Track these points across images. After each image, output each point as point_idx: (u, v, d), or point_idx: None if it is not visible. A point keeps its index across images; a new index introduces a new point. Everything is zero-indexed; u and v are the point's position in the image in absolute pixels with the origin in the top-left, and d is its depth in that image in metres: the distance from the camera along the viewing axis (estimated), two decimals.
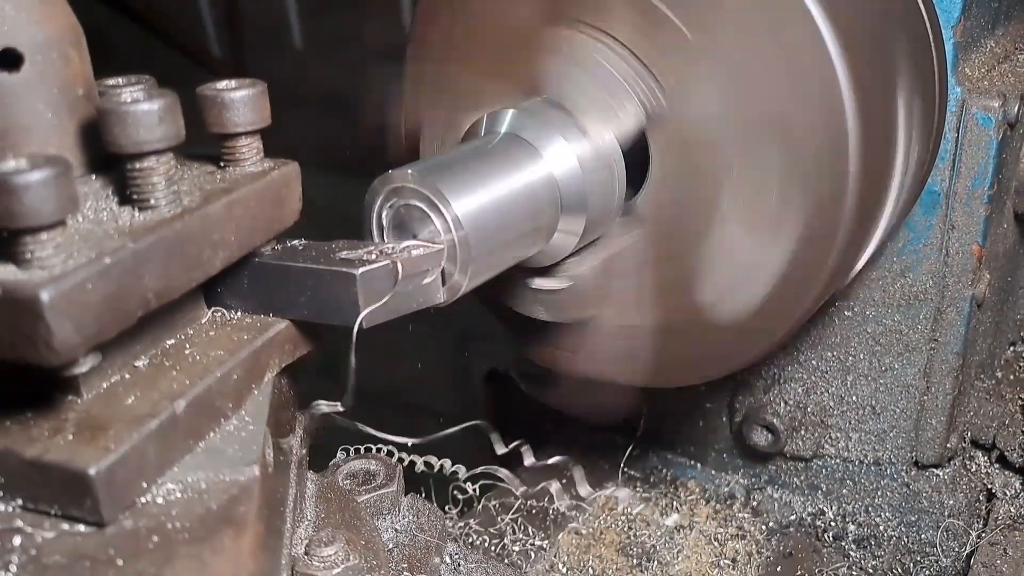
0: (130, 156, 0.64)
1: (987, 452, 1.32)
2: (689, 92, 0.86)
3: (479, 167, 0.81)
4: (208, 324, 0.75)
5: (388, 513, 0.88)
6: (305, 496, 0.82)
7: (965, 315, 1.19)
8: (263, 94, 0.73)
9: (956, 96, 1.10)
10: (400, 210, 0.79)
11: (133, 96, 0.65)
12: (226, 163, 0.74)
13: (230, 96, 0.71)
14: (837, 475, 1.35)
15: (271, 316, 0.76)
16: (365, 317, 0.71)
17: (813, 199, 0.85)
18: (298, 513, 0.79)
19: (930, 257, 1.17)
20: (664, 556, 1.30)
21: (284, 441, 0.78)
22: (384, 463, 0.91)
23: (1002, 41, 1.24)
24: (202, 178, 0.72)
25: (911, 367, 1.24)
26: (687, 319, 0.94)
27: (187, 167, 0.74)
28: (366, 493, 0.87)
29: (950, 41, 1.08)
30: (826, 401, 1.31)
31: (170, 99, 0.64)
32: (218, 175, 0.73)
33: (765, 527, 1.37)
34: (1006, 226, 1.23)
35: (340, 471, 0.90)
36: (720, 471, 1.45)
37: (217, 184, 0.71)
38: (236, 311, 0.76)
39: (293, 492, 0.78)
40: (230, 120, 0.72)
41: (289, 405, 0.81)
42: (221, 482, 0.64)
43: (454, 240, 0.76)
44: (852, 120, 0.81)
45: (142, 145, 0.63)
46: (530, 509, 1.39)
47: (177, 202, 0.66)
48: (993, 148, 1.10)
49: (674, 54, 0.85)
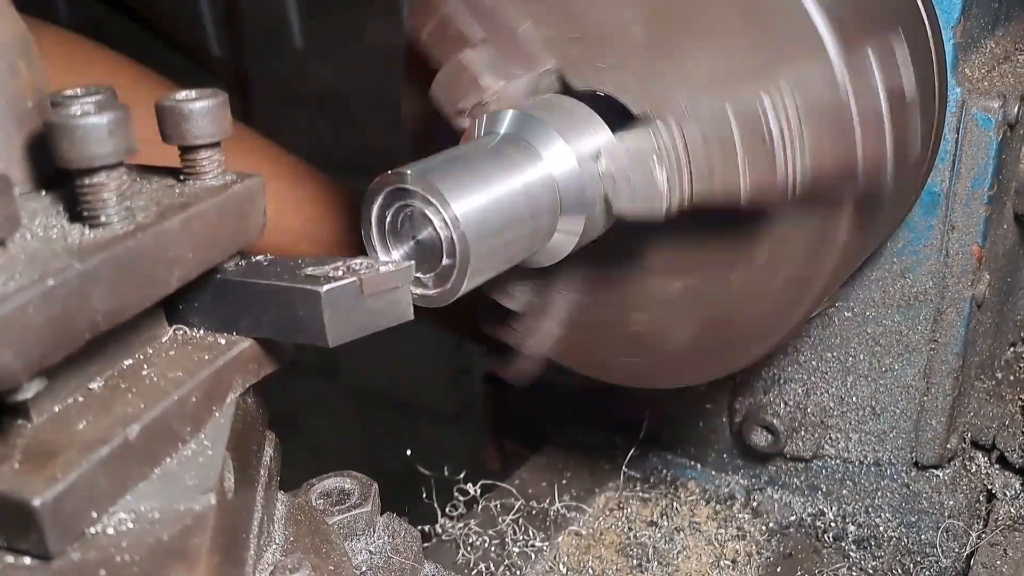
0: (79, 171, 0.61)
1: (987, 453, 1.32)
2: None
3: (478, 167, 0.81)
4: (169, 343, 0.72)
5: (362, 534, 0.85)
6: (273, 518, 0.79)
7: (965, 316, 1.19)
8: (223, 105, 0.70)
9: (956, 97, 1.09)
10: (399, 210, 0.78)
11: (84, 109, 0.62)
12: (186, 176, 0.71)
13: (188, 107, 0.68)
14: (837, 476, 1.35)
15: (235, 334, 0.73)
16: (333, 336, 0.69)
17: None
18: (265, 537, 0.76)
19: (930, 258, 1.17)
20: (664, 557, 1.30)
21: (250, 462, 0.75)
22: (359, 481, 0.88)
23: (1002, 42, 1.24)
24: (160, 192, 0.69)
25: (911, 368, 1.24)
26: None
27: (146, 180, 0.72)
28: (339, 513, 0.84)
29: (950, 42, 1.08)
30: (826, 402, 1.31)
31: (121, 112, 0.61)
32: (177, 189, 0.70)
33: (765, 528, 1.37)
34: (1006, 227, 1.23)
35: (314, 490, 0.87)
36: (720, 472, 1.45)
37: (175, 199, 0.68)
38: (199, 329, 0.74)
39: (259, 516, 0.75)
40: (189, 132, 0.69)
41: (257, 425, 0.78)
42: (175, 511, 0.61)
43: (453, 240, 0.76)
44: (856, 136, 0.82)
45: (92, 160, 0.60)
46: (530, 510, 1.39)
47: (130, 218, 0.63)
48: (993, 149, 1.10)
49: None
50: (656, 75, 0.86)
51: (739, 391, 1.36)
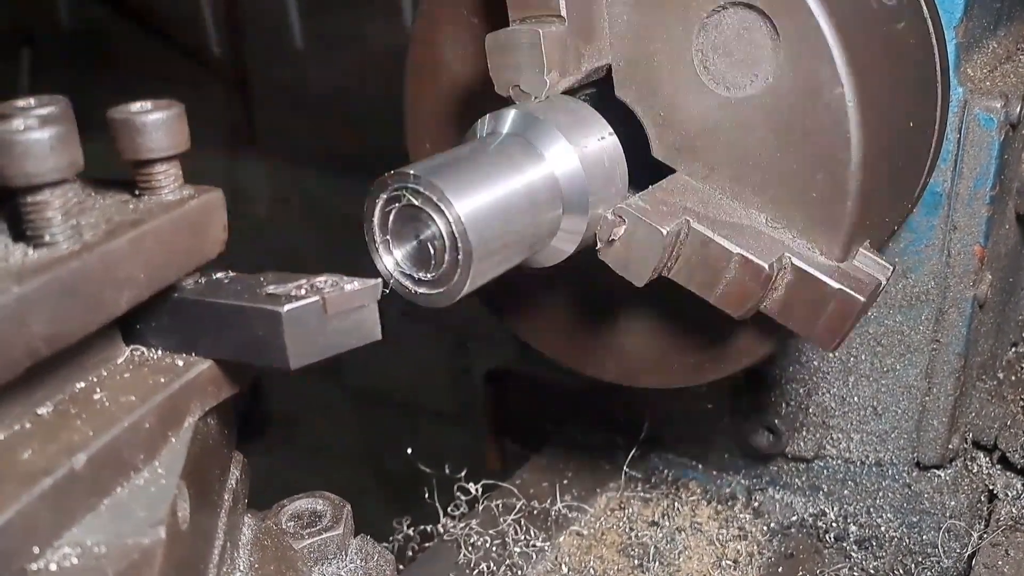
0: (21, 190, 0.58)
1: (989, 453, 1.32)
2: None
3: (481, 168, 0.81)
4: (124, 364, 0.69)
5: (334, 558, 0.82)
6: (238, 544, 0.77)
7: (967, 316, 1.18)
8: (180, 117, 0.67)
9: (958, 97, 1.09)
10: (401, 210, 0.78)
11: (27, 123, 0.58)
12: (141, 191, 0.69)
13: (142, 120, 0.65)
14: (839, 476, 1.35)
15: (193, 355, 0.70)
16: (295, 358, 0.66)
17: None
18: (228, 565, 0.74)
19: (932, 258, 1.17)
20: (665, 557, 1.30)
21: (212, 487, 0.73)
22: (331, 503, 0.86)
23: (1004, 42, 1.24)
24: (113, 208, 0.67)
25: (913, 368, 1.24)
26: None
27: (100, 196, 0.69)
28: (309, 537, 0.81)
29: (952, 42, 1.08)
30: (827, 402, 1.31)
31: (65, 127, 0.58)
32: (131, 205, 0.67)
33: (766, 528, 1.36)
34: (1008, 227, 1.23)
35: (284, 511, 0.85)
36: (721, 472, 1.45)
37: (128, 215, 0.65)
38: (156, 350, 0.71)
39: (220, 543, 0.72)
40: (143, 145, 0.66)
41: (220, 448, 0.76)
42: (123, 546, 0.58)
43: (456, 239, 0.76)
44: (854, 126, 0.82)
45: (31, 178, 0.57)
46: (531, 510, 1.39)
47: (76, 237, 0.61)
48: (995, 149, 1.10)
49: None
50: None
51: (740, 391, 1.36)
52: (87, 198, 0.67)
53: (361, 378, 3.78)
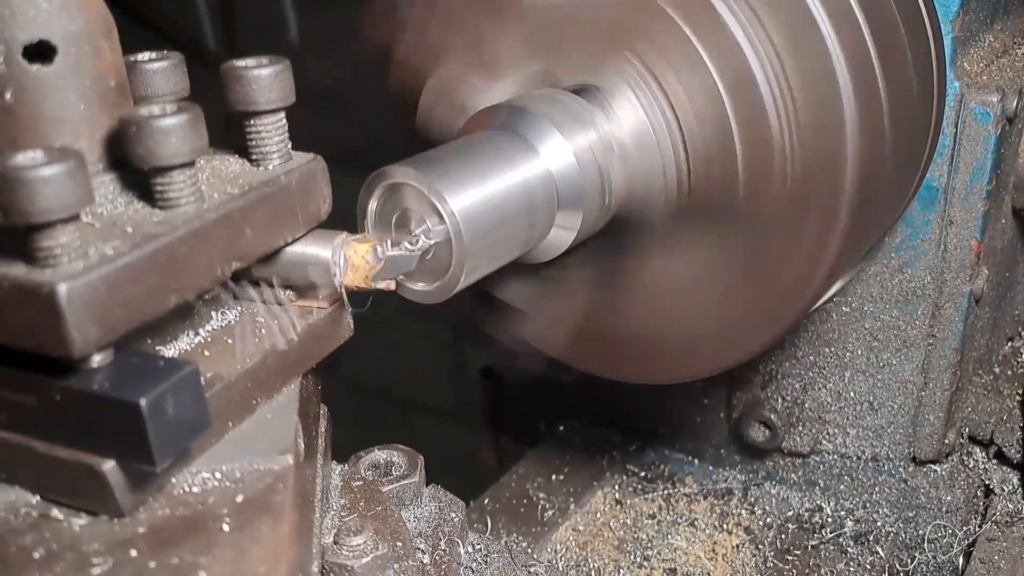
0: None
1: (985, 448, 1.32)
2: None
3: (475, 163, 0.81)
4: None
5: (410, 504, 0.88)
6: (330, 487, 0.83)
7: (963, 311, 1.18)
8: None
9: (954, 91, 1.09)
10: (396, 206, 0.78)
11: (163, 109, 0.63)
12: (255, 157, 0.73)
13: (256, 72, 0.70)
14: (835, 471, 1.35)
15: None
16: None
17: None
18: (325, 503, 0.79)
19: (928, 252, 1.17)
20: (662, 552, 1.30)
21: (312, 431, 0.78)
22: (406, 454, 0.91)
23: (1000, 36, 1.23)
24: (229, 173, 0.71)
25: (909, 363, 1.24)
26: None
27: (210, 160, 0.73)
28: (389, 484, 0.87)
29: (949, 36, 1.08)
30: (824, 397, 1.31)
31: (193, 113, 0.63)
32: (244, 169, 0.72)
33: (763, 523, 1.37)
34: (1004, 221, 1.23)
35: (362, 462, 0.90)
36: (718, 467, 1.45)
37: (253, 178, 0.70)
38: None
39: (321, 482, 0.78)
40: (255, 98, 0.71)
41: (313, 398, 0.81)
42: (256, 471, 0.65)
43: (450, 235, 0.76)
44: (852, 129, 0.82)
45: (166, 160, 0.62)
46: (528, 505, 1.39)
47: (201, 200, 0.65)
48: (991, 143, 1.10)
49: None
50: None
51: (736, 386, 1.36)
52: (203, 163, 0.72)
53: (359, 373, 3.78)
